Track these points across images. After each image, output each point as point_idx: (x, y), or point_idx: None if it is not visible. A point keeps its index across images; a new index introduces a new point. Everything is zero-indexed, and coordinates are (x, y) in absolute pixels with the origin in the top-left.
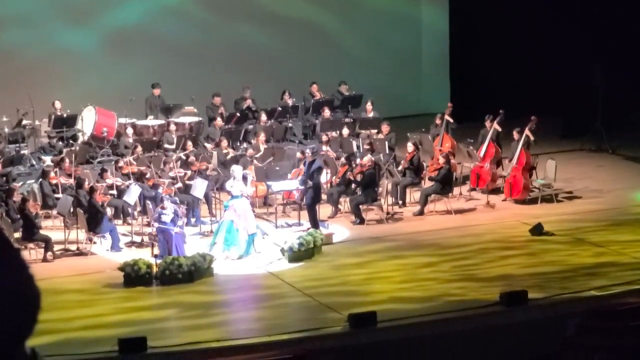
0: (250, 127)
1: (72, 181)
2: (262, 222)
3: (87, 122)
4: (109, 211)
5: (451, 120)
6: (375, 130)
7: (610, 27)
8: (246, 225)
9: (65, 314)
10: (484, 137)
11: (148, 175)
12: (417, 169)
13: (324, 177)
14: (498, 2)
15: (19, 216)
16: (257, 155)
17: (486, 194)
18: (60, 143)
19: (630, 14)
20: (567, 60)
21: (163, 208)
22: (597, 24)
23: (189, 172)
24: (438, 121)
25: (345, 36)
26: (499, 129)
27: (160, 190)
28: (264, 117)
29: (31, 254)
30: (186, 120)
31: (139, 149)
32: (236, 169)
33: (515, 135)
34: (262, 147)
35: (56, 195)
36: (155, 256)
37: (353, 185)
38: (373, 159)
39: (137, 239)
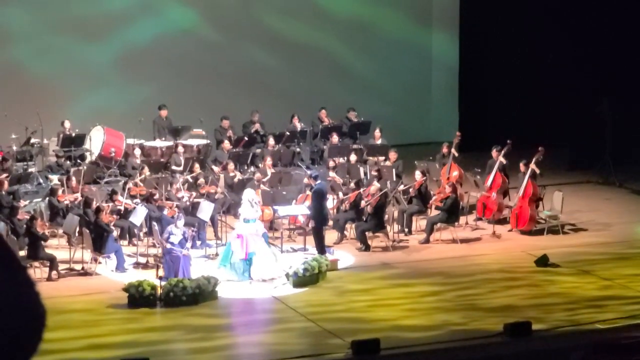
0: (258, 151)
1: (79, 200)
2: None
3: (96, 141)
4: (115, 232)
5: (456, 154)
6: (383, 158)
7: (620, 60)
8: (252, 248)
9: (69, 334)
10: (491, 167)
11: (156, 197)
12: (424, 197)
13: (330, 202)
14: (507, 33)
15: (24, 234)
16: (264, 179)
17: (492, 224)
18: (68, 162)
19: None
20: (575, 92)
21: (176, 227)
22: (607, 57)
23: (193, 194)
24: (445, 150)
25: (355, 63)
26: (504, 162)
27: (165, 212)
28: (272, 141)
29: (36, 272)
30: (194, 142)
31: (147, 170)
32: (247, 193)
33: (522, 167)
34: (270, 171)
35: (63, 213)
36: (160, 278)
37: (365, 212)
38: (380, 187)
39: (143, 260)
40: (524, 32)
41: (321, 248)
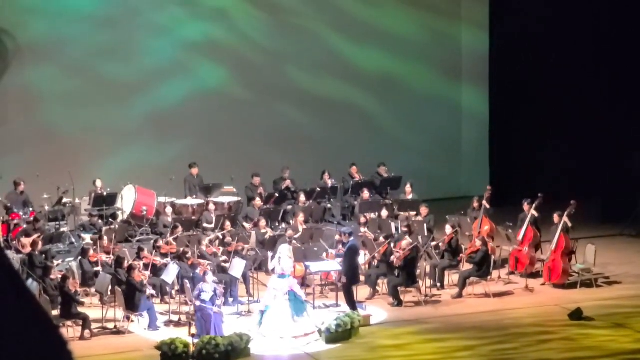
0: (289, 207)
1: (111, 259)
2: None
3: (127, 200)
4: (149, 290)
5: (488, 206)
6: (414, 213)
7: None
8: (269, 302)
9: None
10: (522, 220)
11: (189, 255)
12: (455, 252)
13: (362, 258)
14: (537, 86)
15: (57, 293)
16: (295, 236)
17: (525, 278)
18: (100, 221)
19: None
20: (607, 145)
21: (205, 282)
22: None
23: (221, 249)
24: (475, 204)
25: (385, 118)
26: (536, 215)
27: (198, 270)
28: (302, 197)
29: (69, 331)
30: (225, 200)
31: (179, 228)
32: (283, 249)
33: (556, 218)
34: (301, 227)
35: (95, 272)
36: (193, 335)
37: (395, 269)
38: (412, 242)
39: (175, 317)
40: (554, 85)
41: (352, 304)
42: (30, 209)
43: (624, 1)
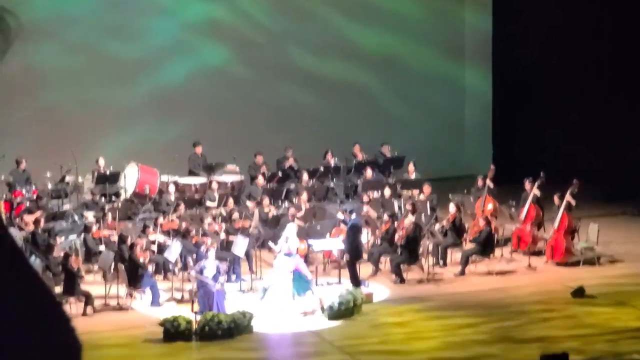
0: (292, 186)
1: (114, 236)
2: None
3: (130, 179)
4: (150, 268)
5: (492, 185)
6: (417, 192)
7: None
8: (272, 280)
9: None
10: (525, 199)
11: (193, 233)
12: (458, 230)
13: (365, 236)
14: (541, 65)
15: (60, 271)
16: (298, 215)
17: (527, 256)
18: (103, 199)
19: None
20: (611, 124)
21: (206, 259)
22: None
23: (224, 226)
24: (479, 183)
25: (388, 97)
26: (538, 194)
27: (202, 248)
28: (305, 176)
29: (72, 308)
30: (228, 178)
31: (182, 206)
32: (291, 228)
33: (556, 200)
34: (304, 206)
35: (99, 249)
36: (196, 312)
37: (397, 246)
38: (414, 220)
39: (178, 294)
40: (557, 65)
41: (355, 281)
42: (33, 187)
43: None
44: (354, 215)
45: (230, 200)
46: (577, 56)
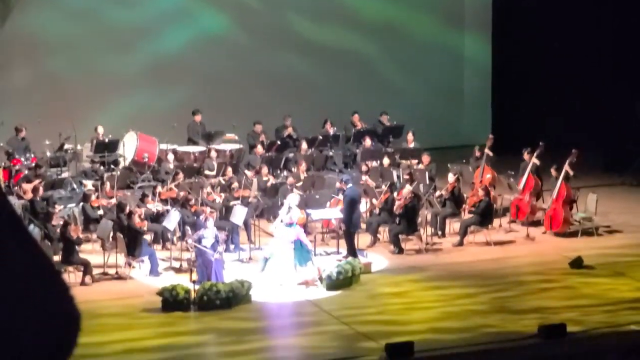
0: (291, 155)
1: (113, 205)
2: None
3: (129, 147)
4: (149, 237)
5: (491, 154)
6: (416, 161)
7: None
8: (274, 250)
9: (102, 338)
10: (523, 169)
11: (192, 202)
12: (457, 200)
13: (363, 206)
14: (540, 34)
15: (58, 239)
16: (297, 184)
17: (526, 226)
18: (102, 168)
19: None
20: (610, 94)
21: (205, 228)
22: None
23: (223, 195)
24: (477, 153)
25: (387, 66)
26: (537, 163)
27: (201, 217)
28: (304, 145)
29: (70, 277)
30: (227, 147)
31: (180, 175)
32: (292, 198)
33: (553, 172)
34: (303, 175)
35: (97, 217)
36: (194, 282)
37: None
38: (413, 190)
39: (176, 264)
40: (557, 33)
41: (353, 251)
42: (32, 155)
43: None
44: (350, 185)
45: (229, 169)
46: (580, 20)
